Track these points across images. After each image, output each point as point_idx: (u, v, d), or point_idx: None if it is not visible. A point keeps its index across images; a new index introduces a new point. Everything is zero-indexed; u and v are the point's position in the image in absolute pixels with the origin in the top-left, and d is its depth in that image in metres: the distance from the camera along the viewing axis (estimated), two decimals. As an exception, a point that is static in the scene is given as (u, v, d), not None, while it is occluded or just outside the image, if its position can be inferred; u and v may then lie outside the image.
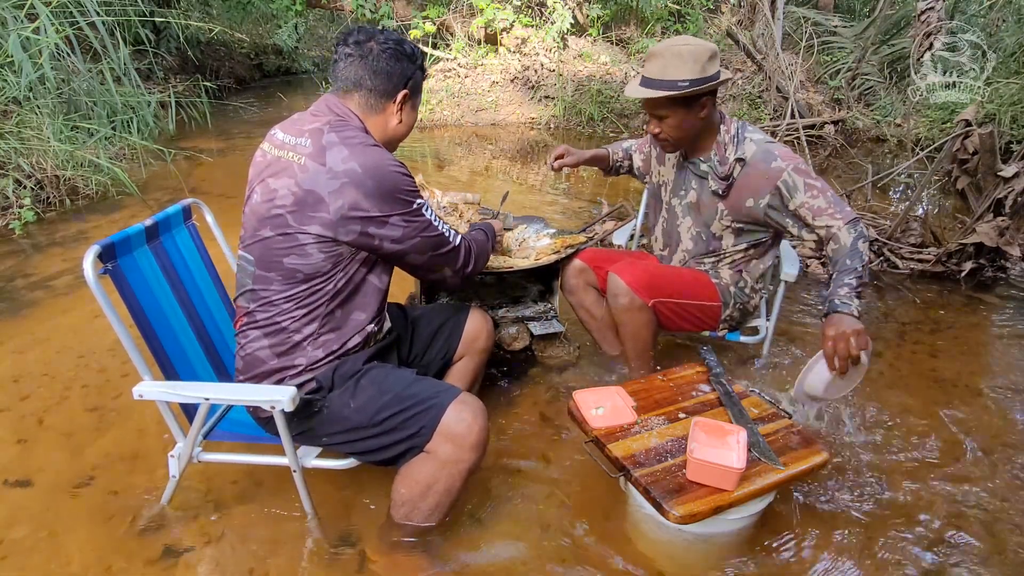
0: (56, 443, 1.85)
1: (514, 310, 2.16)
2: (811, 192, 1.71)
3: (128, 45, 5.18)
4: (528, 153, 5.77)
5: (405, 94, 1.40)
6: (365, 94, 1.37)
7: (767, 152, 1.76)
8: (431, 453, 1.33)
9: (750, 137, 1.81)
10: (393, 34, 1.39)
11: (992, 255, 2.96)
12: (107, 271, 1.36)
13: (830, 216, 1.67)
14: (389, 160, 1.29)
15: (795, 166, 1.73)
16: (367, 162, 1.26)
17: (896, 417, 2.03)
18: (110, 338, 2.37)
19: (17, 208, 3.58)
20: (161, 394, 1.35)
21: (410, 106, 1.44)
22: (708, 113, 1.78)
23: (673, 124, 1.77)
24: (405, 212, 1.31)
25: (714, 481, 1.30)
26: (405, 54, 1.38)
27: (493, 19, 7.12)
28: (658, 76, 1.71)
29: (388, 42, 1.36)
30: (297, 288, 1.32)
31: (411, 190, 1.32)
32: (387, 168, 1.28)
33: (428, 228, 1.37)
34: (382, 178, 1.26)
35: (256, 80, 9.40)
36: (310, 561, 1.46)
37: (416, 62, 1.41)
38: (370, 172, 1.25)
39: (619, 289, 1.83)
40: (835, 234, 1.66)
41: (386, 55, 1.35)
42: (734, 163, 1.81)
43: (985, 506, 1.67)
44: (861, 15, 8.07)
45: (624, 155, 2.25)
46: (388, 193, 1.27)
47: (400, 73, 1.38)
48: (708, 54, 1.69)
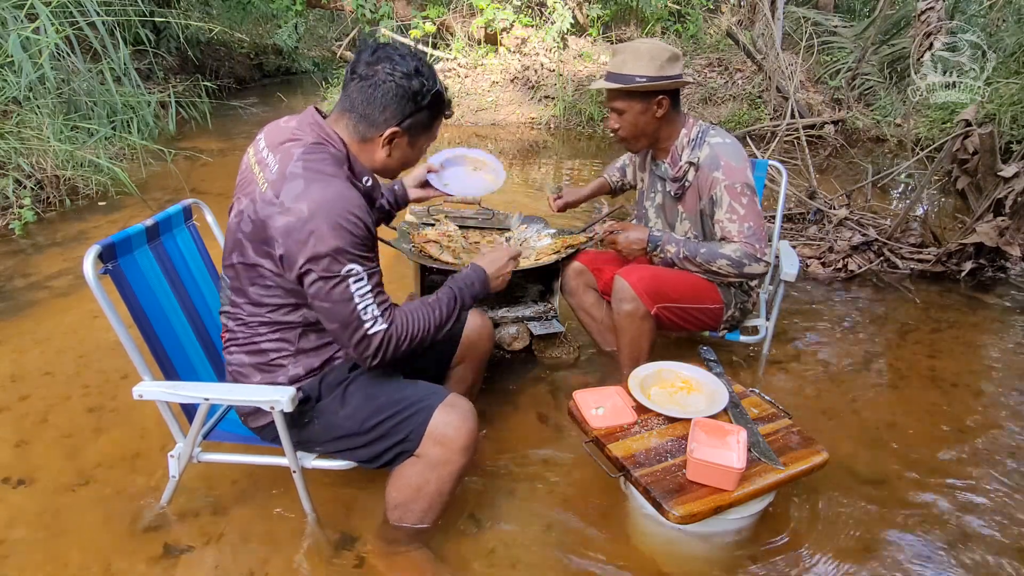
0: (56, 443, 1.85)
1: (514, 310, 2.16)
2: (731, 214, 1.79)
3: (128, 45, 5.18)
4: (528, 153, 5.77)
5: (393, 132, 1.28)
6: (356, 118, 1.28)
7: (715, 159, 1.80)
8: (421, 456, 1.33)
9: (709, 140, 1.84)
10: (406, 65, 1.25)
11: (992, 255, 2.96)
12: (107, 271, 1.36)
13: (738, 240, 1.79)
14: (341, 209, 1.17)
15: (729, 184, 1.78)
16: (315, 208, 1.16)
17: (896, 417, 2.03)
18: (110, 338, 2.37)
19: (17, 208, 3.58)
20: (161, 394, 1.35)
21: (406, 143, 1.33)
22: (666, 113, 1.82)
23: (629, 120, 1.82)
24: (328, 275, 1.18)
25: (714, 481, 1.30)
26: (408, 92, 1.25)
27: (493, 19, 7.12)
28: (616, 71, 1.78)
29: (395, 74, 1.24)
30: (268, 315, 1.32)
31: (348, 251, 1.18)
32: (333, 219, 1.16)
33: (345, 302, 1.20)
34: (320, 233, 1.15)
35: (256, 80, 9.40)
36: (310, 561, 1.46)
37: (420, 102, 1.27)
38: (312, 218, 1.15)
39: (625, 294, 1.83)
40: (728, 242, 1.81)
41: (386, 86, 1.24)
42: (686, 166, 1.85)
43: (986, 506, 1.67)
44: (861, 15, 8.06)
45: (620, 174, 2.28)
46: (319, 248, 1.16)
47: (396, 109, 1.27)
48: (667, 55, 1.75)
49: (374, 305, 1.23)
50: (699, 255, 1.82)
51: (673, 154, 1.88)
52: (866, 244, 3.20)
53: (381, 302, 1.25)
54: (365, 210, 1.22)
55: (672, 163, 1.89)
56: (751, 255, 1.77)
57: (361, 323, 1.22)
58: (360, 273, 1.21)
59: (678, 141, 1.87)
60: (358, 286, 1.21)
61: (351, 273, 1.19)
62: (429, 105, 1.29)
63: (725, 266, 1.80)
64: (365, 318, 1.22)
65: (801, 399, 2.11)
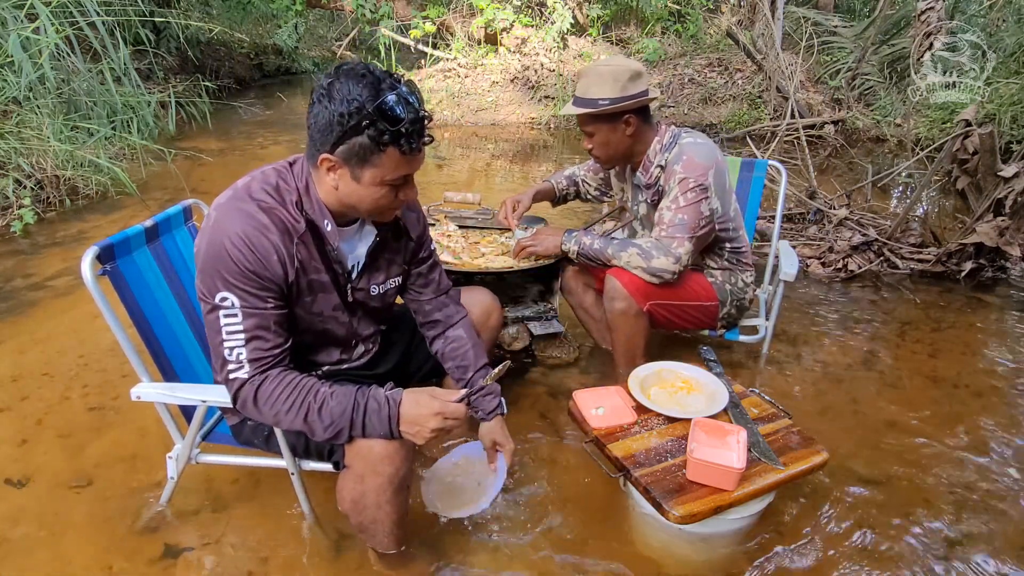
0: (56, 443, 1.85)
1: (514, 310, 2.16)
2: (671, 204, 1.79)
3: (128, 45, 5.18)
4: (528, 153, 5.77)
5: (325, 159, 1.11)
6: (308, 142, 1.15)
7: (679, 156, 1.81)
8: (350, 467, 1.23)
9: (680, 142, 1.84)
10: (347, 85, 1.06)
11: (992, 255, 2.96)
12: (106, 272, 1.35)
13: (659, 230, 1.80)
14: (231, 231, 1.10)
15: (684, 177, 1.77)
16: (213, 237, 1.11)
17: (896, 417, 2.03)
18: (110, 338, 2.35)
19: (17, 208, 3.58)
20: (158, 396, 1.35)
21: (348, 175, 1.12)
22: (636, 131, 1.82)
23: (600, 141, 1.84)
24: (203, 298, 1.14)
25: (714, 481, 1.30)
26: (333, 115, 1.06)
27: (493, 19, 7.12)
28: (582, 95, 1.79)
29: (327, 94, 1.07)
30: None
31: (224, 277, 1.11)
32: (219, 238, 1.11)
33: (214, 332, 1.14)
34: (205, 249, 1.12)
35: (256, 80, 9.39)
36: (310, 561, 1.46)
37: (346, 125, 1.05)
38: (205, 247, 1.12)
39: (616, 292, 1.84)
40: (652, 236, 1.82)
41: (318, 106, 1.08)
42: (657, 170, 1.87)
43: (986, 506, 1.67)
44: (861, 15, 8.06)
45: (568, 183, 2.26)
46: (202, 263, 1.13)
47: (325, 134, 1.09)
48: (629, 74, 1.75)
49: (243, 349, 1.13)
50: (611, 246, 1.83)
51: (645, 162, 1.89)
52: (866, 244, 3.19)
53: (255, 348, 1.14)
54: (268, 245, 1.13)
55: (644, 171, 1.90)
56: (663, 246, 1.76)
57: (225, 362, 1.14)
58: (234, 308, 1.12)
59: (650, 149, 1.88)
60: (228, 320, 1.12)
61: (223, 303, 1.12)
62: (358, 130, 1.06)
63: (635, 256, 1.79)
64: (229, 358, 1.14)
65: (801, 399, 2.11)
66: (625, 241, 1.84)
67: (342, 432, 1.16)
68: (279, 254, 1.15)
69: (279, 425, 1.19)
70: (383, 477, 1.20)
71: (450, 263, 1.94)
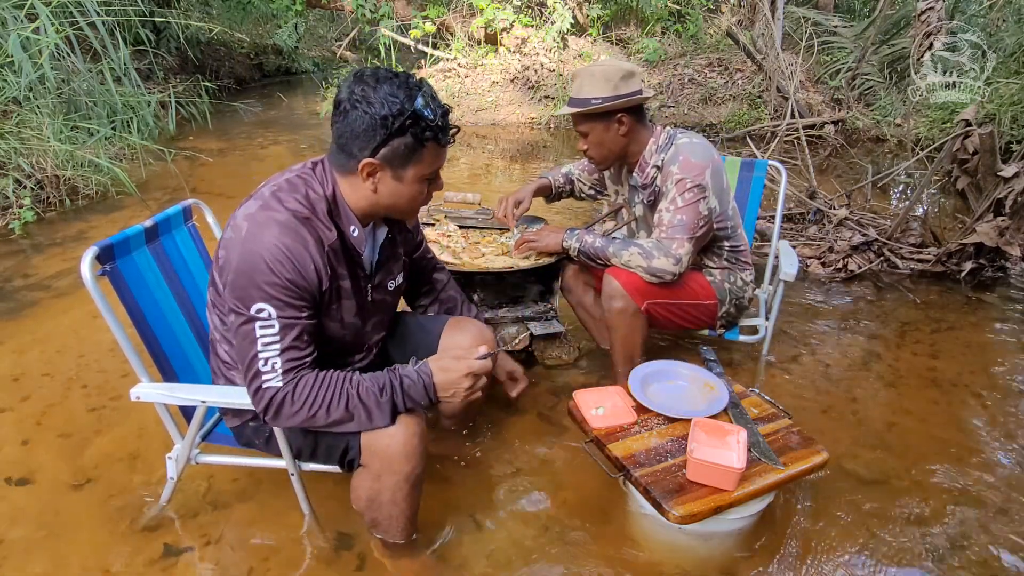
0: (56, 443, 1.85)
1: (514, 310, 2.16)
2: (670, 205, 1.79)
3: (128, 45, 5.18)
4: (528, 153, 5.77)
5: (367, 164, 1.15)
6: (336, 151, 1.19)
7: (675, 156, 1.81)
8: (366, 466, 1.27)
9: (676, 142, 1.84)
10: (379, 89, 1.11)
11: (992, 255, 2.96)
12: (105, 272, 1.35)
13: (659, 231, 1.80)
14: (270, 244, 1.12)
15: (681, 177, 1.78)
16: (248, 248, 1.12)
17: (896, 417, 2.03)
18: (110, 338, 2.34)
19: (17, 208, 3.58)
20: (158, 396, 1.35)
21: (389, 176, 1.18)
22: (630, 130, 1.83)
23: (594, 141, 1.85)
24: (238, 310, 1.15)
25: (714, 481, 1.30)
26: (376, 119, 1.11)
27: (493, 19, 7.12)
28: (576, 95, 1.81)
29: (363, 100, 1.11)
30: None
31: (262, 289, 1.12)
32: (258, 252, 1.12)
33: (248, 344, 1.15)
34: (241, 264, 1.13)
35: (256, 80, 9.39)
36: (310, 561, 1.46)
37: (391, 127, 1.11)
38: (242, 244, 1.13)
39: (614, 291, 1.84)
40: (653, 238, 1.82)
41: (355, 113, 1.12)
42: (653, 171, 1.87)
43: (986, 505, 1.67)
44: (861, 15, 8.06)
45: (565, 180, 2.27)
46: (238, 279, 1.13)
47: (366, 139, 1.13)
48: (621, 74, 1.76)
49: (278, 359, 1.15)
50: (612, 245, 1.83)
51: (641, 163, 1.90)
52: (866, 244, 3.19)
53: (290, 359, 1.16)
54: (305, 255, 1.15)
55: (640, 171, 1.91)
56: (664, 246, 1.76)
57: (259, 373, 1.15)
58: (271, 319, 1.13)
59: (646, 150, 1.89)
60: (264, 332, 1.13)
61: (260, 314, 1.13)
62: (402, 130, 1.12)
63: (636, 256, 1.79)
64: (264, 368, 1.15)
65: (801, 399, 2.11)
66: (626, 241, 1.84)
67: (383, 414, 1.20)
68: (315, 264, 1.18)
69: (316, 421, 1.19)
70: (400, 475, 1.24)
71: (450, 263, 1.94)
